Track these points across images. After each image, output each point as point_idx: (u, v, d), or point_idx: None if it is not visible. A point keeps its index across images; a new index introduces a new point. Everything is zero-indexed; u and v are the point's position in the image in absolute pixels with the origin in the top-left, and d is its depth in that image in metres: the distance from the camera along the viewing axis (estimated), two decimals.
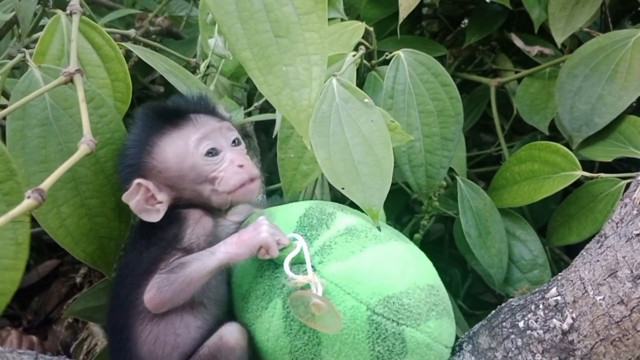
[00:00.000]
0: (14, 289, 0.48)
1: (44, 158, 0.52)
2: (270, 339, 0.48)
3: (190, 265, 0.47)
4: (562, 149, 0.68)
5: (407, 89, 0.65)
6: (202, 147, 0.51)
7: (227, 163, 0.51)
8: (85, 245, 0.54)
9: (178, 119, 0.52)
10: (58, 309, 0.84)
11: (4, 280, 0.48)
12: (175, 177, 0.50)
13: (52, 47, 0.58)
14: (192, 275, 0.47)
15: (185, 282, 0.47)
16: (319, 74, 0.45)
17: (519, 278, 0.71)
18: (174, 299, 0.47)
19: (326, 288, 0.47)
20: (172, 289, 0.47)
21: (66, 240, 0.53)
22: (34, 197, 0.35)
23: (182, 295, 0.47)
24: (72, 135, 0.52)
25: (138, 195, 0.49)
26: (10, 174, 0.48)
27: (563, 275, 0.49)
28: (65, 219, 0.53)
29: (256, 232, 0.47)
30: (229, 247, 0.47)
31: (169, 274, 0.47)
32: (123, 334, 0.50)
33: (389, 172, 0.51)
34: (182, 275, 0.47)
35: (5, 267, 0.48)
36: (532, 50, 0.90)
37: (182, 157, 0.50)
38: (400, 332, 0.46)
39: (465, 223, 0.68)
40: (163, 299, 0.47)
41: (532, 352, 0.47)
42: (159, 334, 0.49)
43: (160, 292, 0.47)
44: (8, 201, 0.47)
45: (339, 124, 0.54)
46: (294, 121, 0.46)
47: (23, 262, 0.48)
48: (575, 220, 0.71)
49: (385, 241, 0.50)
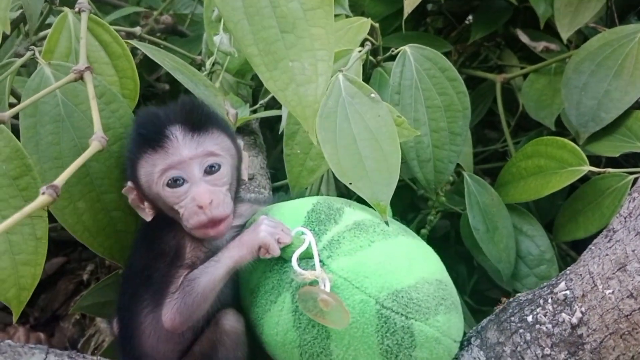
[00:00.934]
0: (34, 283, 0.49)
1: (58, 154, 0.52)
2: (279, 333, 0.48)
3: (200, 280, 0.47)
4: (570, 144, 0.68)
5: (414, 84, 0.65)
6: (164, 177, 0.47)
7: (189, 200, 0.47)
8: (103, 239, 0.54)
9: (156, 138, 0.48)
10: (65, 306, 0.85)
11: (25, 275, 0.48)
12: (149, 196, 0.50)
13: (60, 45, 0.58)
14: (205, 290, 0.47)
15: (201, 300, 0.47)
16: (325, 70, 0.45)
17: (527, 273, 0.71)
18: (193, 317, 0.48)
19: (335, 282, 0.47)
20: (190, 310, 0.47)
21: (84, 236, 0.53)
22: (48, 193, 0.35)
23: (199, 311, 0.48)
24: (85, 130, 0.52)
25: (131, 194, 0.50)
26: (26, 170, 0.48)
27: (572, 269, 0.49)
28: (82, 215, 0.53)
29: (255, 233, 0.47)
30: (232, 251, 0.48)
31: (183, 297, 0.47)
32: (128, 330, 0.51)
33: (397, 167, 0.51)
34: (196, 294, 0.47)
35: (25, 262, 0.48)
36: (537, 46, 0.90)
37: (149, 183, 0.48)
38: (409, 326, 0.46)
39: (473, 218, 0.68)
40: (183, 320, 0.47)
41: (540, 346, 0.47)
42: (162, 331, 0.49)
43: (181, 315, 0.47)
44: (25, 197, 0.47)
45: (346, 119, 0.54)
46: (300, 117, 0.46)
47: (42, 256, 0.49)
48: (582, 215, 0.71)
49: (393, 236, 0.50)
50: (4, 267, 0.47)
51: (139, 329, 0.50)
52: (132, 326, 0.50)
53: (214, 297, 0.48)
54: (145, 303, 0.49)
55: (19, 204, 0.46)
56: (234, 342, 0.49)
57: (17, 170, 0.48)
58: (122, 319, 0.52)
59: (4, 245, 0.46)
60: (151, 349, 0.50)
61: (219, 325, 0.49)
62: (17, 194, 0.47)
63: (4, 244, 0.46)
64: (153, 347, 0.50)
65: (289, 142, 0.63)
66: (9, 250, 0.47)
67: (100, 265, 0.81)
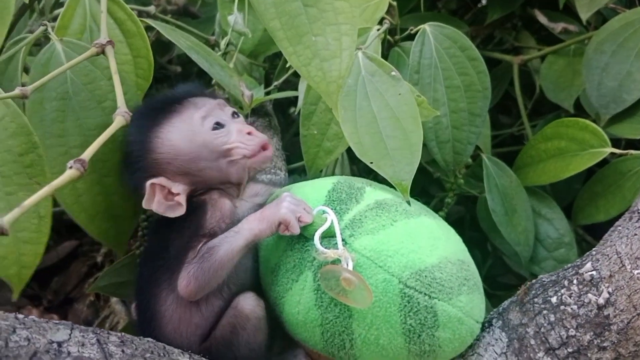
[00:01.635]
0: (36, 262, 0.49)
1: (62, 132, 0.52)
2: (300, 312, 0.48)
3: (219, 249, 0.47)
4: (591, 126, 0.66)
5: (433, 64, 0.64)
6: (207, 122, 0.50)
7: (236, 133, 0.50)
8: (100, 222, 0.54)
9: (172, 107, 0.51)
10: (78, 288, 0.85)
11: (26, 253, 0.48)
12: (188, 160, 0.49)
13: (74, 22, 0.58)
14: (223, 258, 0.47)
15: (218, 267, 0.47)
16: (349, 44, 0.45)
17: (545, 257, 0.70)
18: (209, 284, 0.47)
19: (357, 261, 0.46)
20: (207, 276, 0.47)
21: (81, 217, 0.53)
22: (76, 168, 0.35)
23: (215, 280, 0.47)
24: (90, 111, 0.52)
25: (155, 196, 0.48)
26: (32, 146, 0.48)
27: (598, 250, 0.48)
28: (80, 195, 0.52)
29: (276, 209, 0.47)
30: (252, 223, 0.47)
31: (200, 262, 0.47)
32: (148, 313, 0.50)
33: (418, 146, 0.50)
34: (213, 260, 0.47)
35: (27, 240, 0.48)
36: (556, 27, 0.88)
37: (190, 137, 0.49)
38: (432, 306, 0.46)
39: (491, 201, 0.67)
40: (199, 286, 0.47)
41: (565, 327, 0.46)
42: (183, 314, 0.49)
43: (196, 280, 0.47)
44: (30, 174, 0.47)
45: (365, 97, 0.53)
46: (324, 93, 0.45)
47: (45, 235, 0.48)
48: (602, 198, 0.70)
49: (415, 215, 0.50)
50: (5, 244, 0.47)
51: (159, 312, 0.49)
52: (152, 310, 0.50)
53: (230, 267, 0.47)
54: (165, 284, 0.49)
55: (23, 181, 0.46)
56: (254, 327, 0.48)
57: (23, 146, 0.47)
58: (140, 304, 0.52)
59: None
60: (172, 333, 0.49)
61: (239, 309, 0.48)
62: (21, 170, 0.46)
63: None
64: (174, 331, 0.49)
65: (306, 123, 0.62)
66: (11, 227, 0.46)
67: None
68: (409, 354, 0.47)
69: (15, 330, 0.37)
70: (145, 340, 0.44)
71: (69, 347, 0.39)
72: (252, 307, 0.48)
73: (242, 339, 0.48)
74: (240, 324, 0.48)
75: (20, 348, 0.36)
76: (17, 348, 0.36)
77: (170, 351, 0.44)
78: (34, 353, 0.36)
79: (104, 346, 0.40)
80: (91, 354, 0.39)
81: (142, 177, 0.49)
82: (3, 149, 0.47)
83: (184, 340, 0.49)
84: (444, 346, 0.47)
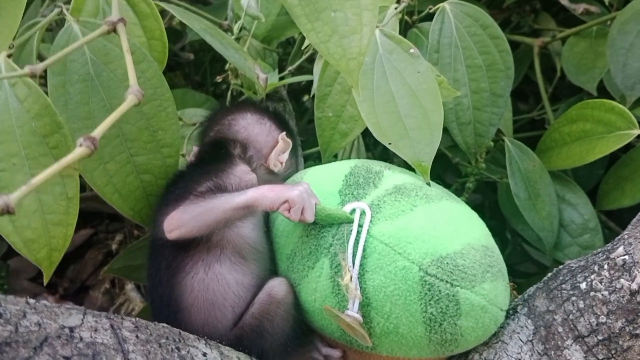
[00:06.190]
0: (66, 244, 0.48)
1: (87, 114, 0.50)
2: (317, 299, 0.46)
3: (217, 197, 0.46)
4: (618, 107, 0.64)
5: (453, 42, 0.62)
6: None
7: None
8: (134, 203, 0.53)
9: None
10: (94, 276, 0.84)
11: (56, 235, 0.47)
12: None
13: (87, 4, 0.57)
14: (217, 205, 0.45)
15: (208, 208, 0.45)
16: (370, 20, 0.43)
17: (569, 242, 0.67)
18: (192, 222, 0.45)
19: (376, 248, 0.45)
20: (191, 214, 0.45)
21: (114, 198, 0.52)
22: (86, 145, 0.33)
23: (200, 220, 0.45)
24: (114, 90, 0.51)
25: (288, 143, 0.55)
26: (56, 127, 0.46)
27: (629, 233, 0.46)
28: (112, 177, 0.51)
29: (289, 188, 0.46)
30: (260, 189, 0.46)
31: (195, 201, 0.46)
32: (172, 306, 0.47)
33: (439, 125, 0.49)
34: (206, 202, 0.46)
35: (57, 222, 0.47)
36: (577, 8, 0.85)
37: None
38: (454, 294, 0.44)
39: (514, 185, 0.65)
40: (182, 218, 0.46)
41: (595, 314, 0.44)
42: (209, 283, 0.47)
43: (180, 213, 0.46)
44: (56, 155, 0.46)
45: (383, 76, 0.51)
46: (344, 70, 0.43)
47: (74, 217, 0.47)
48: (629, 182, 0.67)
49: (436, 200, 0.48)
50: (34, 227, 0.46)
51: (186, 302, 0.47)
52: (177, 300, 0.47)
53: (219, 220, 0.45)
54: (188, 267, 0.47)
55: (49, 162, 0.45)
56: (286, 313, 0.47)
57: (47, 127, 0.46)
58: (161, 296, 0.48)
59: (35, 205, 0.45)
60: (203, 322, 0.47)
61: (272, 295, 0.47)
62: (47, 152, 0.45)
63: (34, 203, 0.45)
64: (205, 320, 0.47)
65: (320, 105, 0.60)
66: (39, 209, 0.45)
67: (129, 236, 0.81)
68: (430, 343, 0.45)
69: (26, 315, 0.36)
70: (160, 326, 0.43)
71: (81, 332, 0.37)
72: (285, 293, 0.47)
73: (276, 325, 0.47)
74: (273, 310, 0.47)
75: (30, 333, 0.35)
76: (27, 333, 0.35)
77: (185, 337, 0.43)
78: (45, 338, 0.35)
79: (118, 331, 0.39)
80: (104, 339, 0.38)
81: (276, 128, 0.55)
82: (27, 131, 0.46)
83: (214, 330, 0.47)
84: (467, 335, 0.46)
